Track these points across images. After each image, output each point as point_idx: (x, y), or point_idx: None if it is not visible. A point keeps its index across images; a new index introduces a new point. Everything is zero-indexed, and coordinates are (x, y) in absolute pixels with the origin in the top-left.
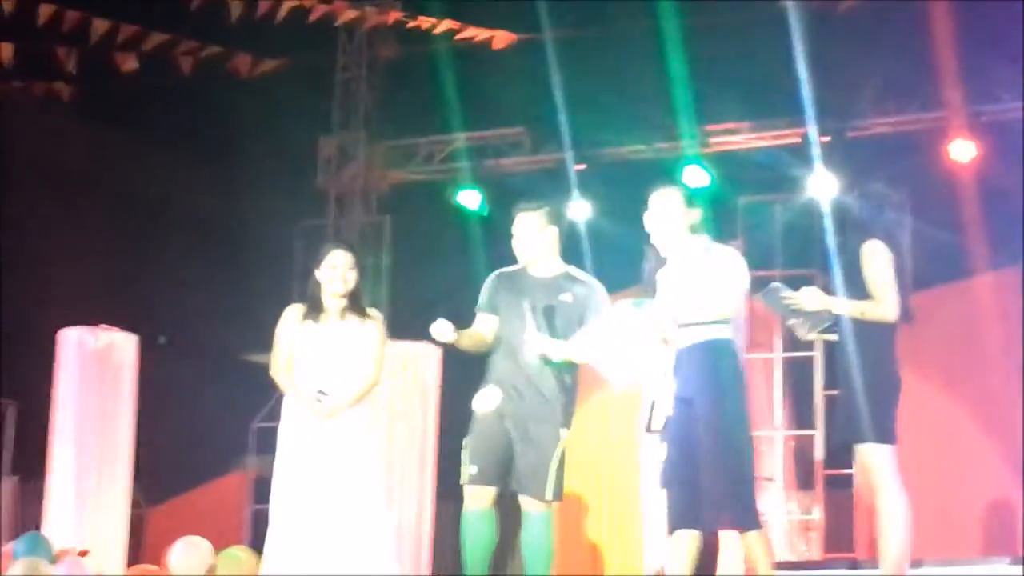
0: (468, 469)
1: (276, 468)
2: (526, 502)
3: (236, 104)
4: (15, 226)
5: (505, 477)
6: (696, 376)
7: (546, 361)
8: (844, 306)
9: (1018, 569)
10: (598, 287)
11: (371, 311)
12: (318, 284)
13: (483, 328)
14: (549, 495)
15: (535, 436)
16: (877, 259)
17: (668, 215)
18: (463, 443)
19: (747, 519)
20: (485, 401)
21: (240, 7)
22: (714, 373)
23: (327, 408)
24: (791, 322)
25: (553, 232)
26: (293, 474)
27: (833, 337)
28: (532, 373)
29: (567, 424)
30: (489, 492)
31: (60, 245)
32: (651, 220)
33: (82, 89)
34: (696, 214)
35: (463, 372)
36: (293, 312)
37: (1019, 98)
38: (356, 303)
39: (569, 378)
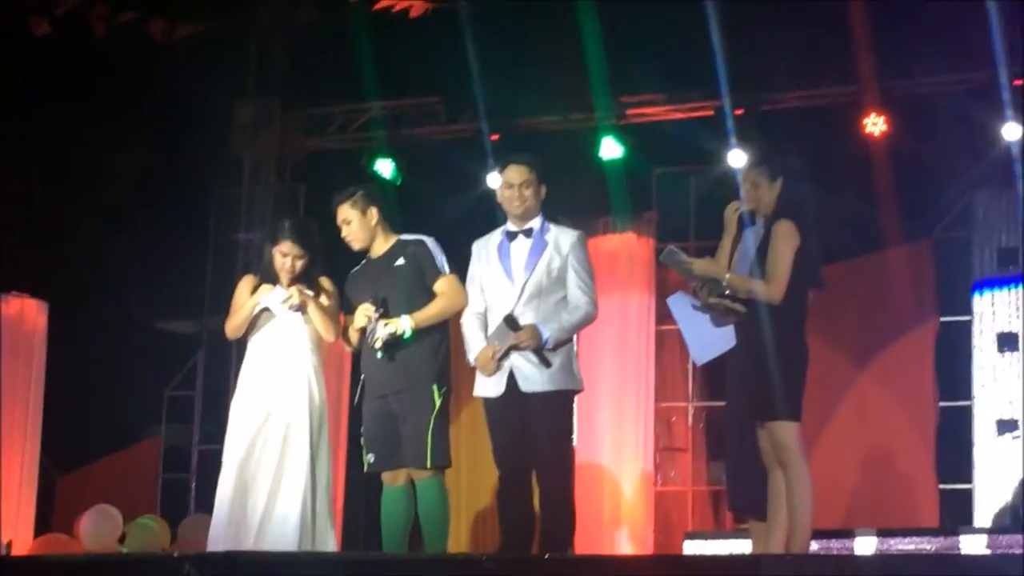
0: (366, 458)
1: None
2: (413, 472)
3: (150, 69)
4: None
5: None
6: None
7: (397, 340)
8: (733, 279)
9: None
10: (427, 240)
11: (322, 281)
12: (271, 256)
13: None
14: (430, 463)
15: (409, 408)
16: (783, 243)
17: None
18: (361, 432)
19: None
20: (358, 394)
21: None
22: None
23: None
24: (692, 284)
25: (374, 212)
26: (237, 438)
27: (739, 308)
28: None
29: (441, 381)
30: (397, 472)
31: None
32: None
33: None
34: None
35: None
36: (248, 282)
37: (931, 73)
38: (304, 280)
39: (428, 340)
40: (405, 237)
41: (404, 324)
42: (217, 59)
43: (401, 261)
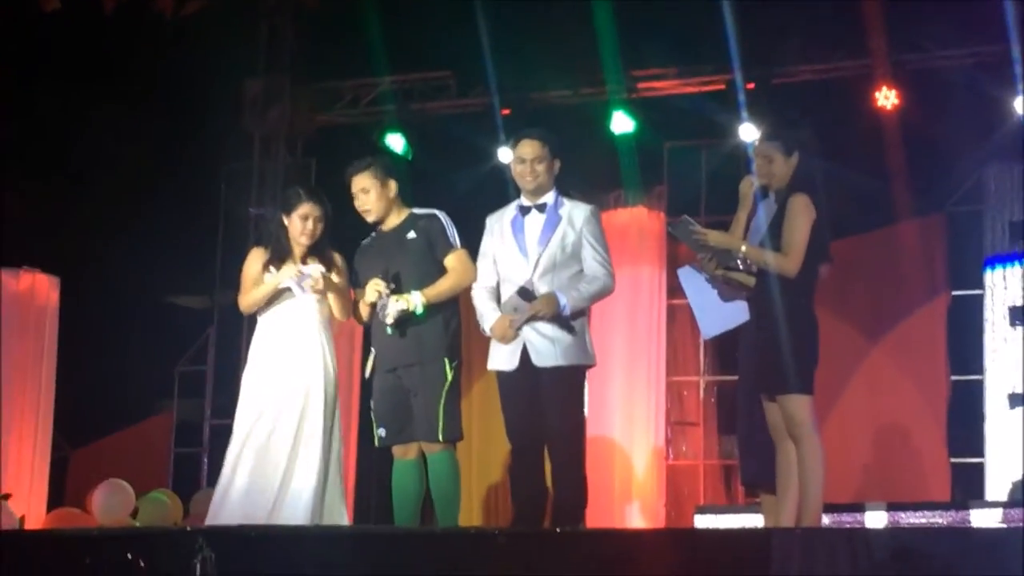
0: (377, 432)
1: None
2: (424, 446)
3: (160, 45)
4: None
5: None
6: None
7: (408, 316)
8: (749, 250)
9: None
10: (440, 214)
11: (335, 256)
12: (285, 229)
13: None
14: (441, 436)
15: (420, 381)
16: (800, 217)
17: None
18: (371, 406)
19: None
20: (368, 367)
21: None
22: None
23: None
24: (700, 256)
25: (392, 184)
26: (249, 410)
27: (748, 279)
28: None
29: (452, 355)
30: (408, 446)
31: None
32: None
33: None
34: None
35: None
36: (258, 255)
37: (943, 47)
38: (318, 250)
39: (440, 314)
40: (417, 211)
41: (415, 300)
42: (226, 35)
43: (413, 235)
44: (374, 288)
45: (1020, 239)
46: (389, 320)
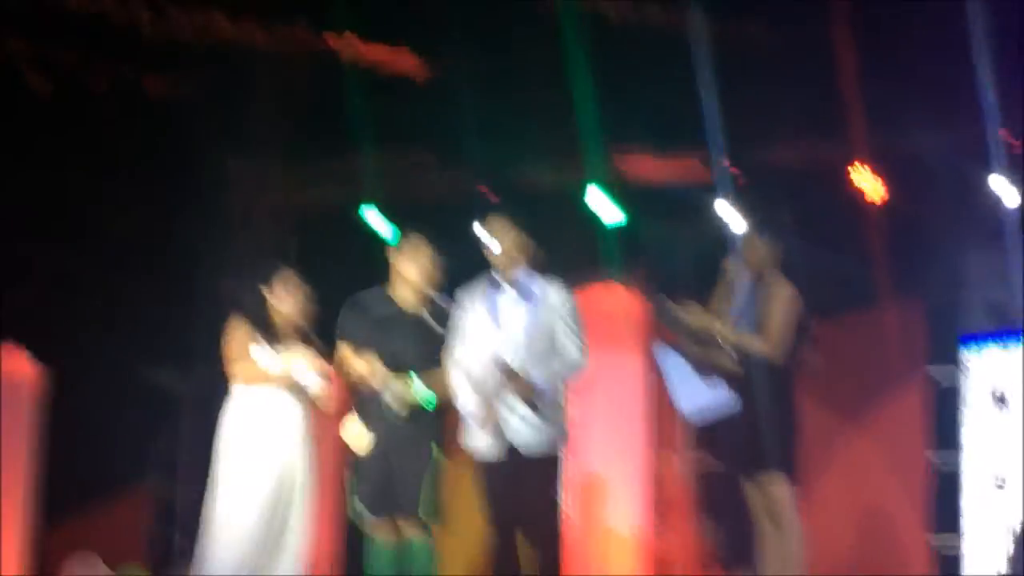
0: (356, 505)
1: (217, 470)
2: (405, 527)
3: (147, 123)
4: None
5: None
6: None
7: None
8: (726, 331)
9: None
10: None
11: (312, 337)
12: (266, 302)
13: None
14: (421, 512)
15: (407, 456)
16: (783, 302)
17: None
18: (347, 473)
19: None
20: (355, 437)
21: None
22: None
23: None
24: (676, 335)
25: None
26: (231, 483)
27: (730, 363)
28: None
29: (439, 439)
30: (389, 527)
31: None
32: None
33: None
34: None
35: None
36: (243, 327)
37: (925, 128)
38: (302, 333)
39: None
40: (436, 298)
41: (429, 397)
42: (213, 114)
43: (433, 321)
44: (384, 380)
45: (999, 321)
46: (401, 410)
